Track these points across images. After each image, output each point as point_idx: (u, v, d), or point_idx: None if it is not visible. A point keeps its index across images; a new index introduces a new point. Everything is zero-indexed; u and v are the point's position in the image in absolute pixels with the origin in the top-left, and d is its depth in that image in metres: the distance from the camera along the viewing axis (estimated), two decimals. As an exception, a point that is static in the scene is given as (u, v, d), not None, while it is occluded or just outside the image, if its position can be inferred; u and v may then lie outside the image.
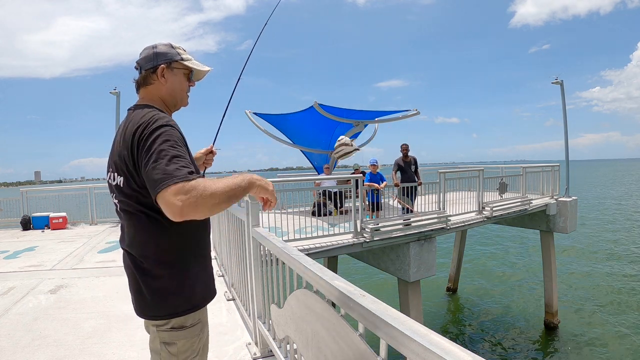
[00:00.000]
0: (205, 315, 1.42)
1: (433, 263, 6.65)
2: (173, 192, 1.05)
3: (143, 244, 1.25)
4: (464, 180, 9.44)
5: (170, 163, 1.09)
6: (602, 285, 12.24)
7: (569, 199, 9.60)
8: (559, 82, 11.32)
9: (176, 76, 1.33)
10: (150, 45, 1.33)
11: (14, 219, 9.30)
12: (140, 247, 1.26)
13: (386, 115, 10.19)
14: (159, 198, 1.07)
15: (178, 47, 1.35)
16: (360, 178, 6.19)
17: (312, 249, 5.47)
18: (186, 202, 1.05)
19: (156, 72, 1.30)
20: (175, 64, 1.32)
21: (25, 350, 2.65)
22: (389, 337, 0.87)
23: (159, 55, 1.30)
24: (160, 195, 1.07)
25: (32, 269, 4.94)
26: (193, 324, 1.32)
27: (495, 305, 11.29)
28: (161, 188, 1.06)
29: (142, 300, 1.29)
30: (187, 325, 1.31)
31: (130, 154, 1.18)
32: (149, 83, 1.31)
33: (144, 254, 1.25)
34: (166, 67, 1.30)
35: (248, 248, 2.41)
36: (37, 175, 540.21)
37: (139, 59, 1.33)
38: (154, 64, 1.29)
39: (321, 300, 1.31)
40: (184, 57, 1.33)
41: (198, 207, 1.07)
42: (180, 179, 1.06)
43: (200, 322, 1.35)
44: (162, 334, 1.30)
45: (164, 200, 1.06)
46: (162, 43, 1.33)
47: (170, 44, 1.34)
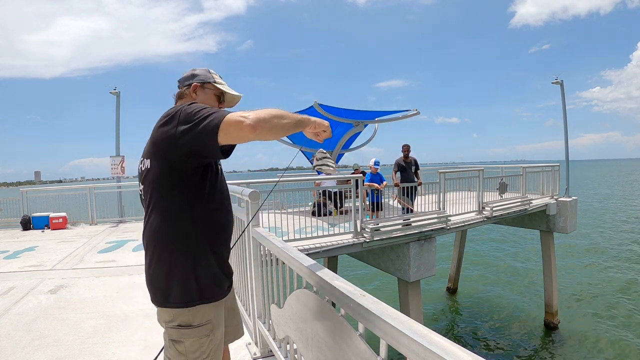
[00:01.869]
0: (219, 316, 1.41)
1: (433, 263, 6.65)
2: (235, 115, 1.16)
3: (157, 226, 1.31)
4: (464, 180, 9.44)
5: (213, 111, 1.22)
6: (603, 285, 12.23)
7: (569, 199, 9.60)
8: (559, 82, 11.33)
9: (206, 95, 1.48)
10: (192, 69, 1.54)
11: (14, 219, 9.30)
12: (155, 229, 1.32)
13: (386, 115, 10.19)
14: (222, 127, 1.15)
15: (214, 74, 1.53)
16: (360, 178, 6.19)
17: (312, 249, 5.47)
18: (254, 117, 1.16)
19: (190, 89, 1.47)
20: (208, 85, 1.49)
21: (25, 350, 2.65)
22: (389, 337, 0.87)
23: (196, 76, 1.49)
24: (223, 124, 1.15)
25: (32, 269, 4.94)
26: (201, 324, 1.32)
27: (495, 305, 11.29)
28: (222, 118, 1.15)
29: (150, 285, 1.35)
30: (195, 324, 1.31)
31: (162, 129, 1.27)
32: (182, 97, 1.48)
33: (157, 236, 1.31)
34: (199, 85, 1.47)
35: (248, 248, 2.41)
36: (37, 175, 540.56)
37: (180, 78, 1.52)
38: (190, 82, 1.47)
39: (321, 300, 1.31)
40: (217, 80, 1.51)
41: (268, 120, 1.18)
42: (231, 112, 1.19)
43: (210, 322, 1.35)
44: (170, 331, 1.33)
45: (228, 123, 1.15)
46: (201, 68, 1.53)
47: (207, 70, 1.52)
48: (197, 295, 1.31)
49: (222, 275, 1.41)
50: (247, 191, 2.22)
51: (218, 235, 1.40)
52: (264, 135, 1.18)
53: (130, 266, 4.91)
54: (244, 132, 1.15)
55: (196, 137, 1.19)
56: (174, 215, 1.30)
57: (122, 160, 10.26)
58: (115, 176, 10.37)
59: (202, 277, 1.33)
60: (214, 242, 1.38)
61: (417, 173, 7.93)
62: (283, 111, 1.24)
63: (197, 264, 1.31)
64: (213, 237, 1.38)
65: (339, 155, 10.90)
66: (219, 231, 1.40)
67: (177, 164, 1.26)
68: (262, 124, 1.16)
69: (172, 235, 1.30)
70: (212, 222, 1.37)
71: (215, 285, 1.38)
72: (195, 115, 1.20)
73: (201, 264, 1.33)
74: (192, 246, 1.31)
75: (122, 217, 9.51)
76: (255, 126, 1.15)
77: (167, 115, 1.28)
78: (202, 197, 1.33)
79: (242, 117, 1.15)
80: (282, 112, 1.23)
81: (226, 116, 1.17)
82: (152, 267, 1.33)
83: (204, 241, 1.34)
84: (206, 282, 1.34)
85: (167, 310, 1.33)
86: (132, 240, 6.73)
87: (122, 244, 6.51)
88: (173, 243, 1.30)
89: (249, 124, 1.14)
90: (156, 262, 1.31)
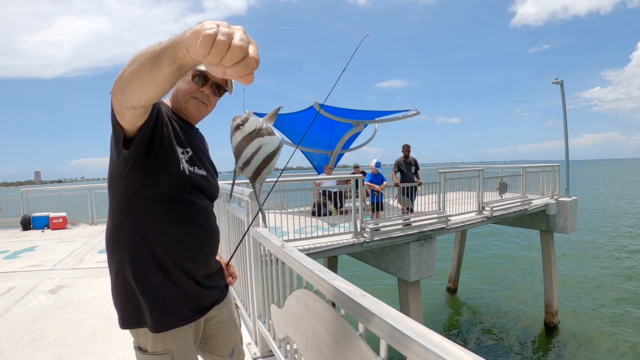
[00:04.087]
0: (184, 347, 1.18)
1: (433, 263, 6.65)
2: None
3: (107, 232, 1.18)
4: (464, 180, 9.44)
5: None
6: (603, 285, 12.23)
7: (569, 199, 9.60)
8: (559, 82, 11.32)
9: (183, 80, 1.21)
10: None
11: (14, 219, 9.30)
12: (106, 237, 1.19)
13: (386, 115, 10.19)
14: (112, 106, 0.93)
15: None
16: (360, 178, 6.19)
17: (312, 249, 5.47)
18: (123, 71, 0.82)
19: None
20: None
21: (25, 350, 2.65)
22: (389, 337, 0.87)
23: None
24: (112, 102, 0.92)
25: (32, 269, 4.94)
26: (156, 352, 1.14)
27: (495, 305, 11.29)
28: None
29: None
30: (149, 351, 1.15)
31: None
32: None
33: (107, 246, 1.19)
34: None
35: (248, 248, 2.41)
36: (37, 175, 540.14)
37: None
38: None
39: (321, 300, 1.31)
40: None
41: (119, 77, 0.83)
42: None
43: (170, 353, 1.14)
44: (135, 351, 1.20)
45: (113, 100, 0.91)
46: None
47: None
48: (133, 318, 1.14)
49: (171, 301, 1.15)
50: (247, 191, 2.22)
51: (168, 254, 1.14)
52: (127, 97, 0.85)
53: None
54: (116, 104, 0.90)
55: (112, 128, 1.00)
56: (118, 222, 1.14)
57: (122, 160, 10.25)
58: (115, 176, 10.36)
59: (140, 299, 1.12)
60: (164, 261, 1.13)
61: (417, 173, 7.93)
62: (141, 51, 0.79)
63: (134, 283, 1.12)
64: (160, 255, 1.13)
65: (339, 155, 10.90)
66: (168, 248, 1.14)
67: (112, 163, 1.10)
68: (116, 84, 0.84)
69: (116, 244, 1.15)
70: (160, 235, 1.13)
71: (159, 312, 1.13)
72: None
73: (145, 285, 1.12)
74: (134, 262, 1.12)
75: (122, 217, 9.50)
76: (114, 90, 0.86)
77: None
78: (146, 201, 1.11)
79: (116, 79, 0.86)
80: (137, 54, 0.79)
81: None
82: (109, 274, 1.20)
83: (147, 258, 1.12)
84: (145, 306, 1.12)
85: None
86: (132, 240, 6.73)
87: (122, 244, 6.51)
88: (115, 253, 1.15)
89: (112, 92, 0.88)
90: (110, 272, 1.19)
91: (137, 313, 1.14)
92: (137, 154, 1.04)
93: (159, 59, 0.73)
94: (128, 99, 0.86)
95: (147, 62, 0.75)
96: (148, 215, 1.12)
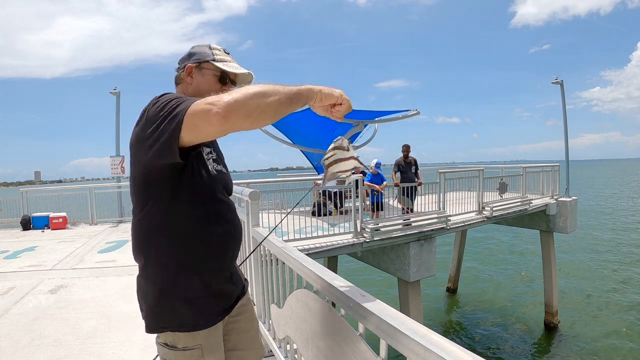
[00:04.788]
0: (213, 341, 1.19)
1: (433, 263, 6.65)
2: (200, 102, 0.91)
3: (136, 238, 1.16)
4: (464, 180, 9.44)
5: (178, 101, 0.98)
6: (603, 285, 12.23)
7: (569, 199, 9.60)
8: (559, 82, 11.33)
9: (204, 77, 1.22)
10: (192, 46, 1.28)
11: (14, 219, 9.30)
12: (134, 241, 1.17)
13: (386, 115, 10.18)
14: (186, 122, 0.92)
15: (216, 49, 1.24)
16: (360, 178, 6.19)
17: (312, 249, 5.47)
18: (224, 102, 0.88)
19: (185, 71, 1.22)
20: (206, 65, 1.21)
21: (25, 350, 2.65)
22: (389, 337, 0.87)
23: (192, 55, 1.23)
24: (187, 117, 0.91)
25: (32, 269, 4.94)
26: (187, 347, 1.13)
27: (495, 305, 11.29)
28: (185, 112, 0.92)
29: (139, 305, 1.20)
30: (179, 347, 1.14)
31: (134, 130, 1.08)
32: (178, 82, 1.25)
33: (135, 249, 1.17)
34: (195, 66, 1.21)
35: (248, 248, 2.41)
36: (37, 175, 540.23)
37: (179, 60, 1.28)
38: (185, 63, 1.22)
39: (321, 300, 1.31)
40: (217, 58, 1.22)
41: (244, 103, 0.88)
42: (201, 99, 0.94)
43: (199, 348, 1.14)
44: (158, 347, 1.19)
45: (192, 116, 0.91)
46: (202, 44, 1.26)
47: (208, 45, 1.25)
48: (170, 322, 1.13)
49: (207, 299, 1.17)
50: (247, 191, 2.22)
51: (202, 253, 1.16)
52: (240, 123, 0.90)
53: (130, 266, 4.91)
54: (212, 125, 0.90)
55: (160, 139, 0.97)
56: (149, 228, 1.12)
57: (122, 160, 10.26)
58: (115, 176, 10.37)
59: (176, 301, 1.12)
60: (198, 261, 1.15)
61: (417, 173, 7.93)
62: (269, 86, 0.94)
63: (172, 289, 1.12)
64: (195, 256, 1.14)
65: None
66: (201, 248, 1.15)
67: (147, 169, 1.07)
68: (236, 109, 0.88)
69: (148, 250, 1.13)
70: (194, 237, 1.14)
71: (196, 311, 1.14)
72: (161, 112, 0.98)
73: (177, 288, 1.12)
74: (166, 267, 1.12)
75: (122, 217, 9.50)
76: (227, 114, 0.87)
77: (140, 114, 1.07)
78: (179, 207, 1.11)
79: (209, 104, 0.89)
80: (266, 88, 0.93)
81: (190, 107, 0.92)
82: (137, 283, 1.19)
83: (180, 262, 1.12)
84: (182, 308, 1.13)
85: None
86: (132, 240, 6.73)
87: (122, 243, 6.51)
88: (148, 259, 1.13)
89: (217, 113, 0.87)
90: (137, 278, 1.18)
91: (171, 316, 1.13)
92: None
93: (296, 100, 0.98)
94: (249, 124, 0.92)
95: (285, 101, 0.94)
96: (184, 218, 1.12)
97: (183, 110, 0.93)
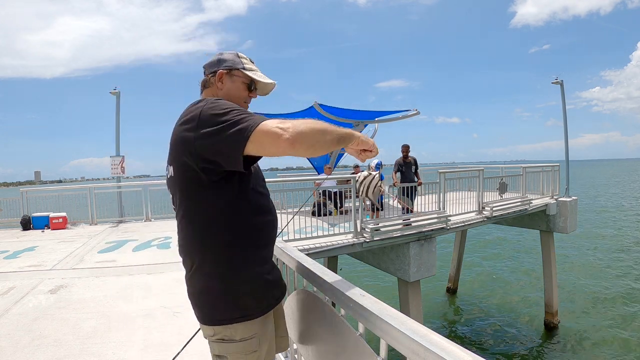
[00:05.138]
0: (266, 329, 1.27)
1: (433, 263, 6.65)
2: (272, 122, 1.03)
3: (190, 236, 1.21)
4: (464, 180, 9.44)
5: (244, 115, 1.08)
6: (603, 285, 12.23)
7: (569, 199, 9.60)
8: (559, 82, 11.33)
9: (234, 83, 1.33)
10: (219, 52, 1.38)
11: (14, 219, 9.29)
12: (187, 240, 1.22)
13: (386, 115, 10.20)
14: (254, 138, 1.01)
15: (244, 58, 1.36)
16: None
17: (312, 249, 5.47)
18: (293, 130, 1.01)
19: (215, 77, 1.32)
20: (236, 72, 1.33)
21: (25, 350, 2.65)
22: (389, 337, 0.87)
23: (222, 62, 1.33)
24: (256, 134, 1.01)
25: (32, 269, 4.94)
26: (244, 338, 1.20)
27: (495, 305, 11.29)
28: (254, 127, 1.02)
29: (192, 302, 1.25)
30: (237, 339, 1.19)
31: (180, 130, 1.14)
32: (208, 86, 1.34)
33: (189, 247, 1.22)
34: (226, 73, 1.32)
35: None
36: (37, 175, 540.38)
37: (205, 63, 1.37)
38: (217, 68, 1.32)
39: (321, 300, 1.31)
40: (246, 66, 1.34)
41: (309, 136, 1.03)
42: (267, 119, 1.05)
43: (256, 336, 1.22)
44: (213, 345, 1.23)
45: (262, 134, 1.01)
46: (229, 52, 1.36)
47: (236, 54, 1.36)
48: (234, 313, 1.19)
49: (265, 288, 1.26)
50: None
51: (257, 244, 1.24)
52: (302, 151, 1.04)
53: (130, 266, 4.91)
54: (280, 147, 1.02)
55: (219, 144, 1.05)
56: (205, 225, 1.18)
57: (122, 160, 10.26)
58: (115, 176, 10.37)
59: (242, 292, 1.20)
60: (254, 252, 1.23)
61: (417, 173, 7.94)
62: (325, 124, 1.10)
63: (234, 279, 1.19)
64: (251, 247, 1.22)
65: (339, 155, 10.90)
66: (256, 239, 1.23)
67: (197, 170, 1.12)
68: (302, 139, 1.02)
69: (205, 247, 1.18)
70: (250, 230, 1.22)
71: (256, 300, 1.23)
72: (221, 117, 1.06)
73: (239, 278, 1.19)
74: (228, 260, 1.18)
75: (122, 217, 9.50)
76: (294, 141, 1.00)
77: (188, 114, 1.14)
78: (234, 202, 1.18)
79: (280, 128, 1.01)
80: (324, 126, 1.09)
81: (260, 124, 1.02)
82: (189, 280, 1.24)
83: (240, 253, 1.19)
84: (246, 298, 1.20)
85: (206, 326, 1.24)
86: (132, 240, 6.73)
87: (122, 244, 6.51)
88: (205, 255, 1.19)
89: (288, 139, 1.00)
90: (192, 275, 1.22)
91: (234, 308, 1.19)
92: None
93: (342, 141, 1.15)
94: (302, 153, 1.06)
95: (336, 141, 1.12)
96: (238, 213, 1.19)
97: (251, 125, 1.02)
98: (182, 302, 3.52)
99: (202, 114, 1.09)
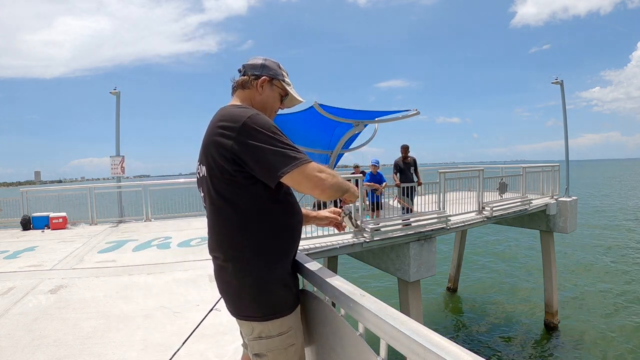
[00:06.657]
0: (299, 321, 1.33)
1: (433, 263, 6.65)
2: (314, 168, 1.17)
3: (224, 235, 1.25)
4: (464, 180, 9.44)
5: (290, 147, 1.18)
6: (602, 285, 12.23)
7: (569, 199, 9.60)
8: (559, 82, 11.33)
9: (273, 92, 1.41)
10: (261, 57, 1.44)
11: (14, 219, 9.29)
12: (222, 238, 1.26)
13: (386, 115, 10.18)
14: (294, 174, 1.13)
15: (284, 70, 1.45)
16: (360, 178, 6.19)
17: (312, 249, 5.47)
18: (329, 180, 1.18)
19: (258, 81, 1.37)
20: (277, 82, 1.40)
21: (25, 350, 2.65)
22: (389, 337, 0.87)
23: (266, 68, 1.39)
24: (299, 171, 1.14)
25: (32, 269, 4.94)
26: (282, 333, 1.25)
27: (495, 305, 11.29)
28: (300, 164, 1.14)
29: (224, 295, 1.31)
30: (274, 335, 1.24)
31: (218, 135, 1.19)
32: (247, 87, 1.38)
33: (224, 245, 1.26)
34: (268, 80, 1.38)
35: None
36: (37, 175, 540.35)
37: (246, 63, 1.42)
38: (260, 73, 1.38)
39: (321, 300, 1.31)
40: (285, 79, 1.43)
41: (333, 186, 1.20)
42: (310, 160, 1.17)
43: (292, 329, 1.27)
44: (252, 344, 1.27)
45: (304, 174, 1.15)
46: (271, 60, 1.43)
47: (278, 64, 1.44)
48: (272, 308, 1.24)
49: (293, 283, 1.34)
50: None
51: (289, 241, 1.31)
52: (325, 197, 1.21)
53: (130, 266, 4.91)
54: (313, 191, 1.17)
55: (259, 162, 1.14)
56: (240, 224, 1.22)
57: (122, 160, 10.26)
58: (115, 176, 10.37)
59: (277, 287, 1.25)
60: (286, 249, 1.29)
61: (417, 173, 7.94)
62: (343, 181, 1.26)
63: (269, 275, 1.24)
64: (284, 244, 1.29)
65: (339, 155, 10.89)
66: (288, 237, 1.30)
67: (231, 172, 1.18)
68: (333, 190, 1.20)
69: (239, 245, 1.23)
70: (282, 227, 1.28)
71: (289, 295, 1.29)
72: (269, 139, 1.14)
73: (273, 274, 1.25)
74: (262, 256, 1.23)
75: (122, 217, 9.50)
76: (327, 191, 1.18)
77: (229, 120, 1.18)
78: (266, 203, 1.24)
79: (322, 179, 1.17)
80: (344, 185, 1.26)
81: (305, 165, 1.15)
82: (222, 278, 1.28)
83: (274, 250, 1.25)
84: (281, 293, 1.26)
85: (244, 322, 1.28)
86: (132, 240, 6.73)
87: (122, 244, 6.51)
88: (240, 253, 1.23)
89: (324, 189, 1.17)
90: (227, 272, 1.26)
91: (270, 304, 1.24)
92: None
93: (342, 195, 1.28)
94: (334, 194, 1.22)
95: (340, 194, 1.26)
96: (270, 213, 1.25)
97: (298, 162, 1.14)
98: (182, 302, 3.52)
99: (245, 127, 1.15)
